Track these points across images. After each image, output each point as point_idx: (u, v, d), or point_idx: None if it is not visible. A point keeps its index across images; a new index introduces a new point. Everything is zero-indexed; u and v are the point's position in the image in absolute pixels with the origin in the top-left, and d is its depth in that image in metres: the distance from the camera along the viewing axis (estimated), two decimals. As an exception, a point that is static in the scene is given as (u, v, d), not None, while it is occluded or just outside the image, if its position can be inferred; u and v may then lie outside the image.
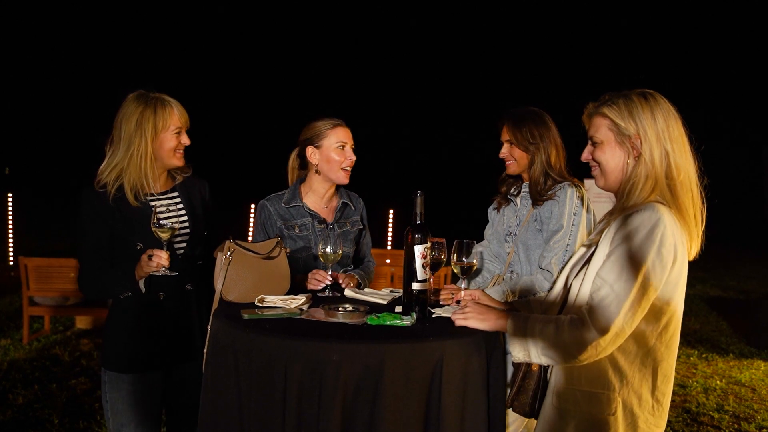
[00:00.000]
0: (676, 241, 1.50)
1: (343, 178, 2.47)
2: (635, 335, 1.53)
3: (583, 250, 1.71)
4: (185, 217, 2.23)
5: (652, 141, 1.55)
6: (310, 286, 2.25)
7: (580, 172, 2.29)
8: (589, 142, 1.69)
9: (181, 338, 2.18)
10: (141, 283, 2.06)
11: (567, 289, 1.67)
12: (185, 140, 2.18)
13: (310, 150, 2.46)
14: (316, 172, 2.48)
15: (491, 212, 2.62)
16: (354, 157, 2.47)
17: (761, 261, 13.18)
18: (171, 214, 2.05)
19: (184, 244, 2.21)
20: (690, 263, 1.61)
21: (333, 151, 2.43)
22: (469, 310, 1.70)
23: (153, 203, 2.16)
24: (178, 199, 2.25)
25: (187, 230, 2.22)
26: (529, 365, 1.67)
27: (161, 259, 1.98)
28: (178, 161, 2.19)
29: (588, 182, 2.53)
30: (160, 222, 1.98)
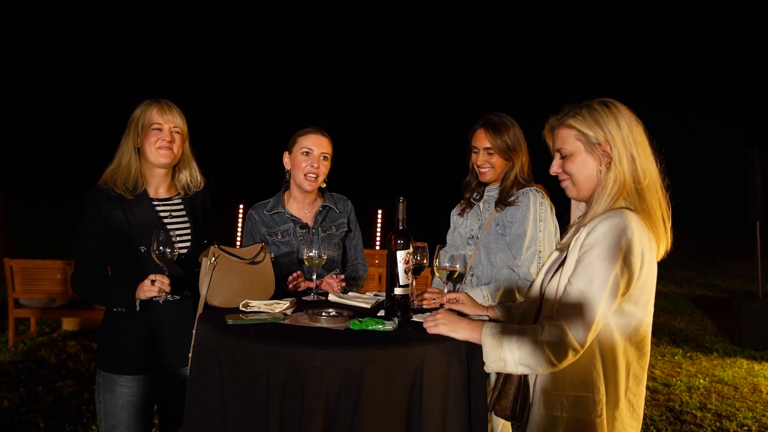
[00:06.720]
0: (644, 247, 1.54)
1: (306, 184, 2.48)
2: (608, 339, 1.56)
3: (555, 255, 1.74)
4: (187, 224, 2.26)
5: (619, 147, 1.59)
6: (291, 288, 2.30)
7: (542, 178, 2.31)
8: (557, 155, 1.70)
9: (178, 343, 2.18)
10: (137, 303, 2.07)
11: (542, 294, 1.70)
12: (165, 136, 2.18)
13: (285, 157, 2.56)
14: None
15: (454, 216, 2.67)
16: (318, 165, 2.47)
17: (746, 260, 13.34)
18: (175, 223, 2.18)
19: (185, 251, 2.22)
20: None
21: (299, 156, 2.48)
22: (440, 317, 1.71)
23: (157, 207, 2.21)
24: (181, 206, 2.27)
25: (189, 237, 2.25)
26: None
27: (163, 284, 2.02)
28: (161, 158, 2.18)
29: None
30: (161, 249, 2.01)
